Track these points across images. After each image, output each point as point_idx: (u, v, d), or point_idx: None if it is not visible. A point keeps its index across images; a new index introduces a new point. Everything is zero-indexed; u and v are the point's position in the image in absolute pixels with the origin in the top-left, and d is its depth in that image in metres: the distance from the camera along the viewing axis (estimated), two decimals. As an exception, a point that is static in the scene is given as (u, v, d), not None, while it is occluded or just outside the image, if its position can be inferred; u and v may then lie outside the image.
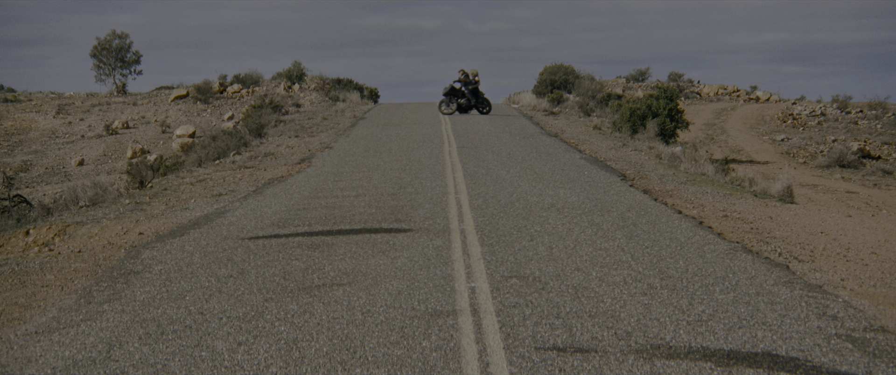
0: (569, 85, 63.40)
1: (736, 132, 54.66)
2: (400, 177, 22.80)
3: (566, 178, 22.30)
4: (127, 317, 10.64)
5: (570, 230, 15.25)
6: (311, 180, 22.85)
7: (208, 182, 24.26)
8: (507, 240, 14.34)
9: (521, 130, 37.09)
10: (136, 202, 21.28)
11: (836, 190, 35.17)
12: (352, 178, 22.82)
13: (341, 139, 34.40)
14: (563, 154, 28.29)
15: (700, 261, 12.89)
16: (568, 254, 13.30)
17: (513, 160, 26.30)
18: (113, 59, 69.28)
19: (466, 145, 30.49)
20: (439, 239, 14.46)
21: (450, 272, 12.27)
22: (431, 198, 18.97)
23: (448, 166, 24.70)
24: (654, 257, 13.12)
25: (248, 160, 29.69)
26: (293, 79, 65.33)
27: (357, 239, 14.65)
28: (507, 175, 22.87)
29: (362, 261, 13.03)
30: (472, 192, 19.74)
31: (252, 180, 23.84)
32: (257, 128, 39.74)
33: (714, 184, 23.21)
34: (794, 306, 10.69)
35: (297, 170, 25.36)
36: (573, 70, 65.08)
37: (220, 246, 14.57)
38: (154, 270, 12.99)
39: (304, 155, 29.64)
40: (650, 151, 30.34)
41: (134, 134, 54.91)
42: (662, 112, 38.88)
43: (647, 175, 23.79)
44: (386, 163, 25.81)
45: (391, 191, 20.22)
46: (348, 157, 27.88)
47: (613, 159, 27.41)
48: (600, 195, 19.47)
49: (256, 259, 13.44)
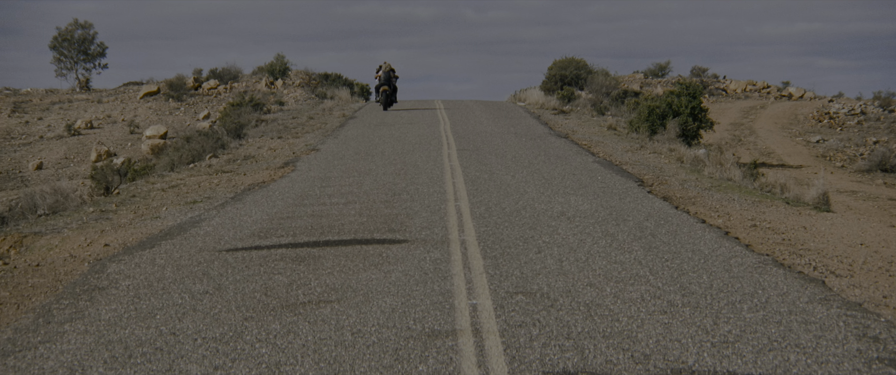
0: (580, 81, 63.46)
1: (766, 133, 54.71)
2: (394, 182, 22.79)
3: (577, 184, 22.30)
4: (91, 339, 10.63)
5: (581, 241, 15.25)
6: (295, 186, 22.85)
7: (182, 188, 24.26)
8: (512, 253, 14.34)
9: (527, 131, 37.11)
10: (101, 210, 21.28)
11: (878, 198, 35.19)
12: (341, 184, 22.82)
13: (329, 140, 34.40)
14: (574, 157, 28.30)
15: (726, 276, 12.90)
16: (579, 268, 13.30)
17: (518, 164, 26.31)
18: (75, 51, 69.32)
19: (467, 147, 30.50)
20: (437, 251, 14.46)
21: (449, 287, 12.27)
22: (429, 206, 18.96)
23: (447, 170, 24.70)
24: (675, 271, 13.13)
25: (225, 163, 29.69)
26: (276, 74, 65.37)
27: (347, 251, 14.65)
28: (512, 180, 22.87)
29: (352, 276, 13.03)
30: (474, 199, 19.74)
31: (230, 186, 23.84)
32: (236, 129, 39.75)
33: (741, 190, 23.22)
34: (831, 326, 10.69)
35: (281, 174, 25.36)
36: (585, 64, 65.14)
37: (194, 258, 14.57)
38: (121, 286, 12.99)
39: (288, 158, 29.64)
40: (671, 154, 30.35)
41: (99, 134, 54.93)
42: (684, 111, 38.92)
43: (668, 180, 23.80)
44: (378, 167, 25.81)
45: (384, 198, 20.21)
46: (337, 160, 27.89)
47: (630, 163, 27.41)
48: (615, 202, 19.48)
49: (235, 273, 13.43)
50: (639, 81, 72.19)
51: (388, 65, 47.40)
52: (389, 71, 47.43)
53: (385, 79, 47.57)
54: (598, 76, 62.99)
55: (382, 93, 47.91)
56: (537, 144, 31.80)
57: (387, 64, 47.48)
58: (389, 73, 47.51)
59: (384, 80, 47.61)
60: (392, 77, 47.68)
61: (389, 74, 47.52)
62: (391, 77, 47.64)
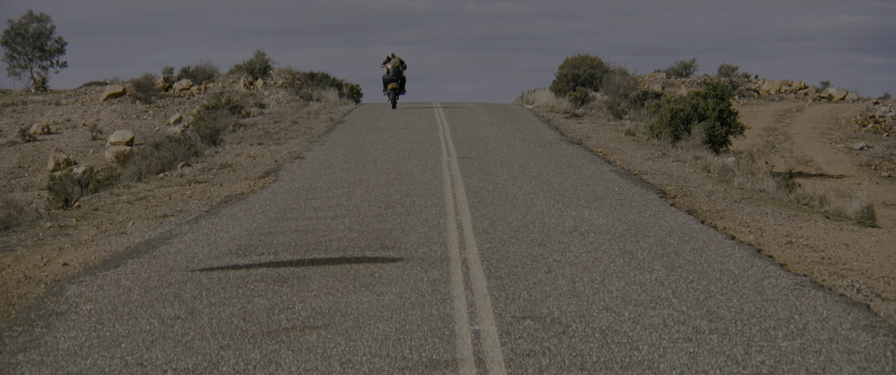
0: (595, 81, 63.49)
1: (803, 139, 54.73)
2: (387, 193, 22.80)
3: (592, 196, 22.31)
4: (47, 371, 10.63)
5: (596, 259, 15.26)
6: (278, 198, 22.86)
7: (150, 200, 24.26)
8: (519, 272, 14.35)
9: (536, 136, 37.13)
10: (59, 225, 21.29)
11: (928, 211, 35.19)
12: (328, 195, 22.82)
13: (315, 147, 34.41)
14: (588, 165, 28.31)
15: (758, 299, 12.90)
16: (594, 290, 13.30)
17: (526, 173, 26.32)
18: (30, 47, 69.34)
19: (469, 155, 30.52)
20: (436, 271, 14.46)
21: (449, 311, 12.27)
22: (426, 220, 18.97)
23: (447, 180, 24.71)
24: (702, 293, 13.13)
25: (199, 173, 29.69)
26: (255, 73, 65.41)
27: (335, 271, 14.65)
28: (519, 191, 22.88)
29: (341, 298, 13.03)
30: (477, 213, 19.75)
31: (205, 198, 23.84)
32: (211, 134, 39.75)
33: (775, 202, 23.23)
34: (877, 356, 10.69)
35: (261, 185, 25.37)
36: (600, 62, 65.16)
37: (164, 279, 14.57)
38: (82, 310, 12.99)
39: (269, 166, 29.65)
40: (696, 162, 30.36)
41: (57, 141, 54.94)
42: (711, 114, 38.94)
43: (693, 191, 23.81)
44: (370, 177, 25.82)
45: (377, 212, 20.22)
46: (324, 170, 27.90)
47: (650, 172, 27.42)
48: (634, 216, 19.48)
49: (210, 295, 13.44)
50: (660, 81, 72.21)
51: (397, 60, 48.54)
52: (398, 65, 48.58)
53: (394, 73, 48.62)
54: (615, 76, 63.02)
55: (391, 91, 49.14)
56: (547, 151, 31.81)
57: (395, 56, 48.65)
58: (399, 68, 48.63)
59: (393, 75, 48.64)
60: (401, 71, 48.82)
61: (399, 69, 48.62)
62: (401, 71, 48.76)
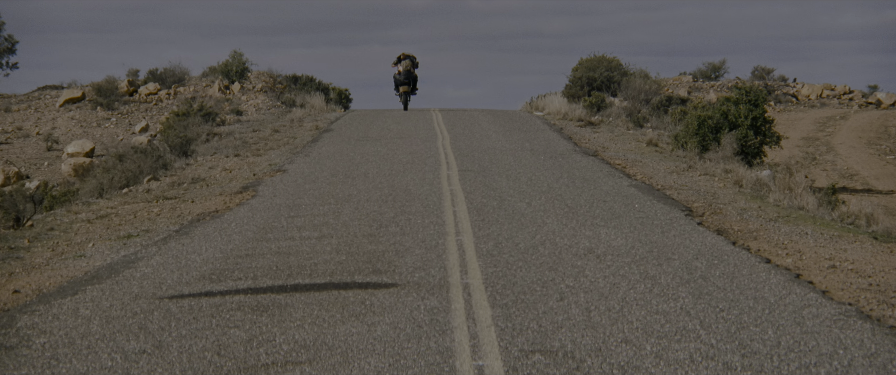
0: (613, 85, 63.52)
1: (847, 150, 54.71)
2: (380, 211, 22.77)
3: (609, 213, 22.27)
4: (-3, 409, 10.57)
5: (614, 285, 15.21)
6: (257, 216, 22.82)
7: (113, 218, 24.23)
8: (527, 300, 14.30)
9: (546, 147, 37.11)
10: (9, 247, 21.24)
11: None
12: (314, 213, 22.79)
13: (299, 159, 34.39)
14: (605, 180, 28.28)
15: (797, 331, 12.85)
16: (612, 320, 13.25)
17: (536, 188, 26.29)
18: (-22, 47, 69.32)
19: (472, 167, 30.49)
20: (434, 298, 14.42)
21: (449, 344, 12.22)
22: (423, 241, 18.93)
23: (446, 196, 24.68)
24: (733, 324, 13.08)
25: (169, 188, 29.65)
26: (232, 76, 65.44)
27: (320, 298, 14.60)
28: (527, 209, 22.85)
29: (328, 329, 12.98)
30: (480, 233, 19.71)
31: (175, 216, 23.80)
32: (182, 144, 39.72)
33: (816, 221, 23.19)
34: (930, 393, 10.64)
35: (238, 201, 25.34)
36: (619, 64, 65.19)
37: (129, 308, 14.52)
38: (34, 344, 12.93)
39: (247, 181, 29.61)
40: (726, 176, 30.33)
41: (7, 152, 54.91)
42: (744, 122, 38.92)
43: (723, 209, 23.77)
44: (361, 193, 25.79)
45: (368, 231, 20.18)
46: (309, 184, 27.86)
47: (675, 187, 27.39)
48: (657, 237, 19.44)
49: (180, 326, 13.38)
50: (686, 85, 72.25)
51: (408, 64, 52.55)
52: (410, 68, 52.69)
53: (405, 75, 52.72)
54: (636, 79, 63.02)
55: (403, 94, 53.22)
56: (559, 164, 31.79)
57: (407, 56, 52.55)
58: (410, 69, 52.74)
59: (404, 77, 52.74)
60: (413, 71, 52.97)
61: (410, 70, 52.74)
62: (412, 71, 52.87)
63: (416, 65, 52.92)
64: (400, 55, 52.79)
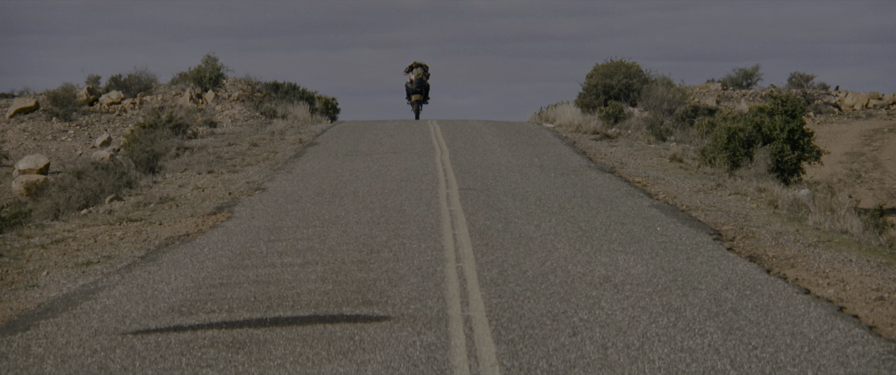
0: (632, 93, 63.57)
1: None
2: (371, 234, 22.74)
3: (628, 237, 22.24)
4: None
5: (634, 319, 15.18)
6: (232, 240, 22.79)
7: (70, 243, 24.20)
8: (536, 335, 14.27)
9: (558, 162, 37.09)
10: (-43, 274, 21.20)
11: None
12: (296, 237, 22.76)
13: (280, 176, 34.37)
14: (623, 199, 28.26)
15: (841, 372, 12.81)
16: (631, 358, 13.22)
17: (545, 209, 26.27)
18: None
19: (473, 186, 30.47)
20: (431, 333, 14.39)
21: (448, 385, 12.19)
22: (420, 268, 18.90)
23: (445, 218, 24.66)
24: (768, 364, 13.05)
25: (134, 209, 29.63)
26: (205, 83, 65.45)
27: (304, 334, 14.57)
28: (536, 232, 22.82)
29: (312, 369, 12.95)
30: (483, 259, 19.68)
31: (140, 240, 23.77)
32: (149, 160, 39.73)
33: (861, 247, 23.15)
34: None
35: (212, 223, 25.31)
36: (639, 70, 65.24)
37: (87, 345, 14.47)
38: (-16, 382, 12.90)
39: (222, 200, 29.59)
40: (760, 196, 30.31)
41: (-44, 167, 54.88)
42: (779, 135, 38.92)
43: (756, 232, 23.75)
44: (349, 214, 25.77)
45: (357, 257, 20.15)
46: (291, 204, 27.84)
47: (702, 208, 27.37)
48: (681, 264, 19.42)
49: (146, 366, 13.34)
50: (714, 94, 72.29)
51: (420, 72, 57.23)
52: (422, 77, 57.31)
53: (418, 84, 57.35)
54: (657, 87, 63.07)
55: (415, 103, 57.58)
56: (572, 181, 31.77)
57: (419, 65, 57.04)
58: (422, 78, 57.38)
59: (417, 86, 57.35)
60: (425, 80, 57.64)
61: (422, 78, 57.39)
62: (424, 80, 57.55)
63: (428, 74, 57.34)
64: (412, 64, 57.08)
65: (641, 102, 61.69)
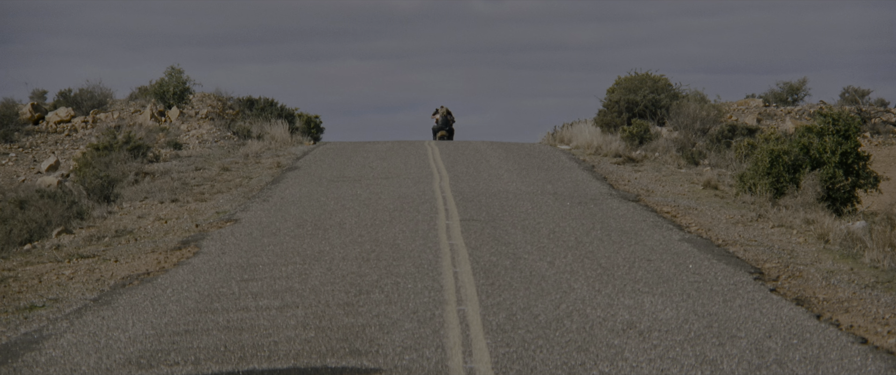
0: (660, 111, 63.64)
1: (960, 193, 54.79)
2: (359, 272, 22.74)
3: (656, 277, 22.24)
4: None
5: (663, 372, 15.16)
6: (200, 279, 22.78)
7: (11, 284, 24.19)
8: (550, 390, 14.25)
9: (574, 189, 37.13)
10: None
11: None
12: (274, 276, 22.75)
13: (255, 205, 34.40)
14: (649, 232, 28.28)
15: (900, 429, 12.80)
16: (661, 416, 13.20)
17: (560, 243, 26.28)
18: None
19: (477, 216, 30.49)
20: (429, 388, 14.37)
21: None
22: (415, 312, 18.89)
23: (445, 253, 24.66)
24: (818, 421, 13.03)
25: (85, 243, 29.63)
26: (169, 99, 65.54)
27: (280, 388, 14.55)
28: (549, 270, 22.82)
29: (290, 428, 12.93)
30: (488, 301, 19.67)
31: (93, 280, 23.77)
32: (103, 187, 39.71)
33: (922, 287, 23.16)
34: None
35: (176, 260, 25.31)
36: (667, 84, 65.31)
37: (32, 399, 14.46)
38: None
39: (187, 234, 29.61)
40: (808, 229, 30.32)
41: None
42: (830, 158, 38.95)
43: (803, 271, 23.75)
44: (335, 249, 25.78)
45: (344, 299, 20.15)
46: (268, 238, 27.86)
47: (741, 242, 27.38)
48: (717, 308, 19.41)
49: (98, 423, 13.33)
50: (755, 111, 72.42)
51: (445, 111, 68.64)
52: (446, 114, 68.66)
53: (443, 122, 68.53)
54: (689, 103, 63.11)
55: (439, 139, 66.83)
56: (590, 211, 31.80)
57: (444, 108, 68.67)
58: (447, 117, 68.69)
59: (441, 124, 68.44)
60: (450, 120, 68.95)
61: (447, 118, 68.72)
62: (449, 120, 68.86)
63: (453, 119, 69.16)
64: (437, 108, 68.82)
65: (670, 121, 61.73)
